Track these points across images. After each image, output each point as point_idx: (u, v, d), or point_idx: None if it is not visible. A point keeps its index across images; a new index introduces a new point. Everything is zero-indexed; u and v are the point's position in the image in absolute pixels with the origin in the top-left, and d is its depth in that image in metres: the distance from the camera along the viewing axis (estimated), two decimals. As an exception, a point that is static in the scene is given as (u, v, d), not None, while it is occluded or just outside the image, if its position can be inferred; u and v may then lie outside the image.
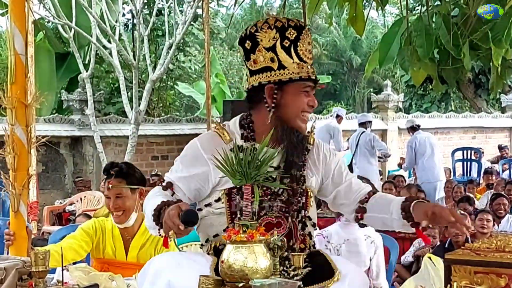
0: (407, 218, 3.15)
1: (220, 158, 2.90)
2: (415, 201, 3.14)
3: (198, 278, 2.76)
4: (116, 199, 4.34)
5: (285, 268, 2.94)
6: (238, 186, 3.00)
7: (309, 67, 3.22)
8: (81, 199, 10.96)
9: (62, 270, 2.90)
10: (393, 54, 6.35)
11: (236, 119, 3.33)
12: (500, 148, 17.63)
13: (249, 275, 2.64)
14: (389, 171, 15.70)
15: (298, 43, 3.20)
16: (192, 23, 15.58)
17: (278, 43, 3.18)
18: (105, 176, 4.48)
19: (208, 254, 3.15)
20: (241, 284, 2.65)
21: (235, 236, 2.66)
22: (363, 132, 12.80)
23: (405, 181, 12.44)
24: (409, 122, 13.35)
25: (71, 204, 10.99)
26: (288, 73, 3.17)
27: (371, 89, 29.27)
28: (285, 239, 2.92)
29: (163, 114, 16.68)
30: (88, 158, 13.25)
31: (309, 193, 3.31)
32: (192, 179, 3.18)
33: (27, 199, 3.82)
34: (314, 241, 3.36)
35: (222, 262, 2.70)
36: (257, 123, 3.25)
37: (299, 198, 3.25)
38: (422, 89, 23.63)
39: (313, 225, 3.35)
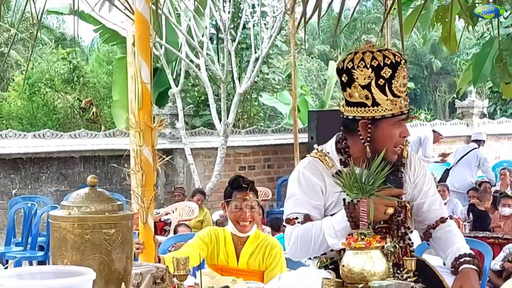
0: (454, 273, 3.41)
1: (333, 182, 3.24)
2: (464, 267, 3.36)
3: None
4: (251, 209, 4.72)
5: (398, 271, 3.25)
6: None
7: (402, 101, 3.33)
8: (176, 209, 11.39)
9: (201, 274, 3.28)
10: (486, 73, 6.44)
11: (332, 144, 3.53)
12: None
13: (368, 277, 2.97)
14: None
15: (393, 81, 3.29)
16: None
17: (373, 82, 3.29)
18: (231, 189, 4.78)
19: (319, 268, 3.47)
20: (360, 285, 2.99)
21: (355, 243, 3.01)
22: (475, 148, 12.78)
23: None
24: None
25: (166, 214, 11.45)
26: (382, 110, 3.31)
27: (454, 95, 29.00)
28: (398, 246, 3.25)
29: (247, 125, 16.97)
30: (179, 170, 13.54)
31: (407, 207, 3.52)
32: (319, 207, 3.47)
33: (152, 212, 4.19)
34: (412, 243, 3.59)
35: (343, 266, 3.04)
36: (352, 148, 3.45)
37: (399, 214, 3.45)
38: (506, 93, 23.28)
39: (411, 232, 3.59)
